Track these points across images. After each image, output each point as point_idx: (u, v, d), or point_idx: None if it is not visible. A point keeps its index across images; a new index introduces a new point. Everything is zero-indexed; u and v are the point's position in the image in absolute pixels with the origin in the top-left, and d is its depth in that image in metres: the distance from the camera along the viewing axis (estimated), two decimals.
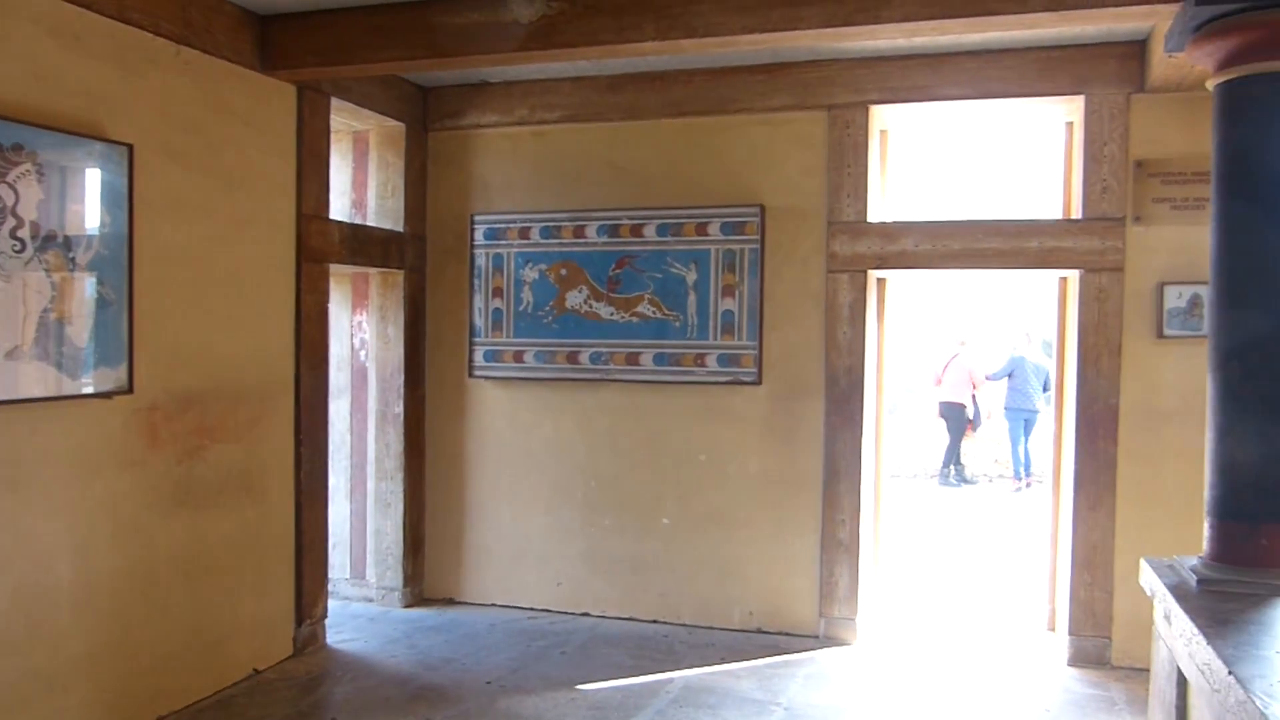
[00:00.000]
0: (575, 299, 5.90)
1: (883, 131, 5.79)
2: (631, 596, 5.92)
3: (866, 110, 5.38)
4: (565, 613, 6.03)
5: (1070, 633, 5.19)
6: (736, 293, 5.58)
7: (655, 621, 5.86)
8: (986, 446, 12.22)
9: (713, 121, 5.69)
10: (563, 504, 6.05)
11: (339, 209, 5.99)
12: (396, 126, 6.00)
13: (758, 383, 5.57)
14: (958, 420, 11.73)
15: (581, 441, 6.00)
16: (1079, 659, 5.15)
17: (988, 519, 9.87)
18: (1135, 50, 4.95)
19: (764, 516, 5.66)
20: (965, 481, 11.92)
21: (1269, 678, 2.57)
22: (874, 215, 5.51)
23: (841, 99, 5.40)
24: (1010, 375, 11.41)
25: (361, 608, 6.12)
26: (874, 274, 5.54)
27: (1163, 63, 4.51)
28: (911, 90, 5.29)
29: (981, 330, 13.62)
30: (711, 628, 5.75)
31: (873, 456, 5.77)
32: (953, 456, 11.92)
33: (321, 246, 5.28)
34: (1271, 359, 3.35)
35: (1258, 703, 2.39)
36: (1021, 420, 11.32)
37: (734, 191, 5.63)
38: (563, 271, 5.92)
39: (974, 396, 11.78)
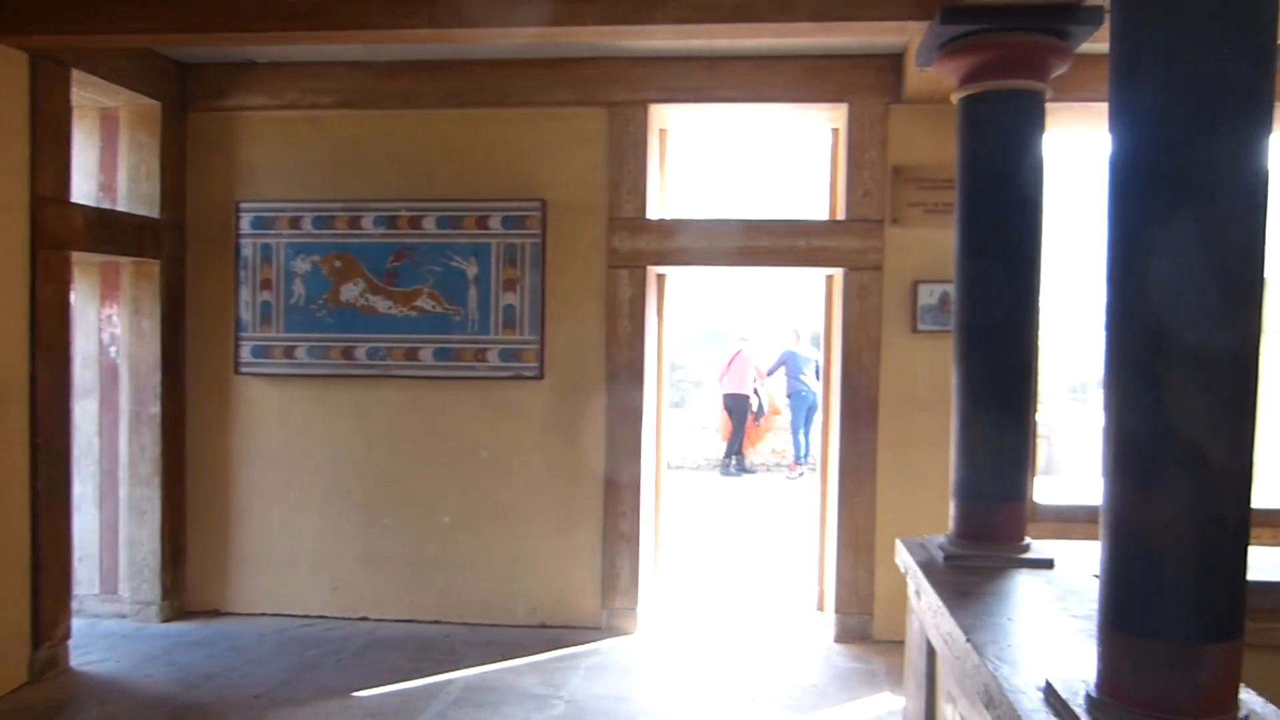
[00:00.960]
0: (351, 292, 5.68)
1: (662, 130, 5.91)
2: (412, 598, 5.77)
3: (646, 108, 5.47)
4: (342, 618, 5.81)
5: (836, 611, 5.48)
6: (518, 287, 5.54)
7: (437, 622, 5.74)
8: (772, 437, 12.77)
9: (495, 114, 5.62)
10: (339, 505, 5.81)
11: (84, 192, 5.49)
12: (151, 105, 5.56)
13: (540, 377, 5.56)
14: (740, 412, 12.20)
15: (359, 440, 5.79)
16: (845, 635, 5.46)
17: (766, 506, 10.29)
18: (893, 63, 5.29)
19: (547, 511, 5.65)
20: (745, 471, 12.40)
21: (1001, 643, 2.80)
22: (653, 212, 5.61)
23: (621, 96, 5.47)
24: (785, 367, 12.04)
25: (114, 625, 5.64)
26: (654, 270, 5.64)
27: (916, 76, 4.84)
28: (688, 91, 5.42)
29: (761, 327, 14.22)
30: (495, 625, 5.69)
31: (653, 449, 5.88)
32: (734, 447, 12.36)
33: (61, 232, 4.82)
34: (1006, 353, 3.66)
35: (989, 666, 2.59)
36: (804, 410, 11.93)
37: (516, 185, 5.59)
38: (337, 263, 5.69)
39: (756, 390, 12.28)
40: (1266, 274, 2.09)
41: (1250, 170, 2.00)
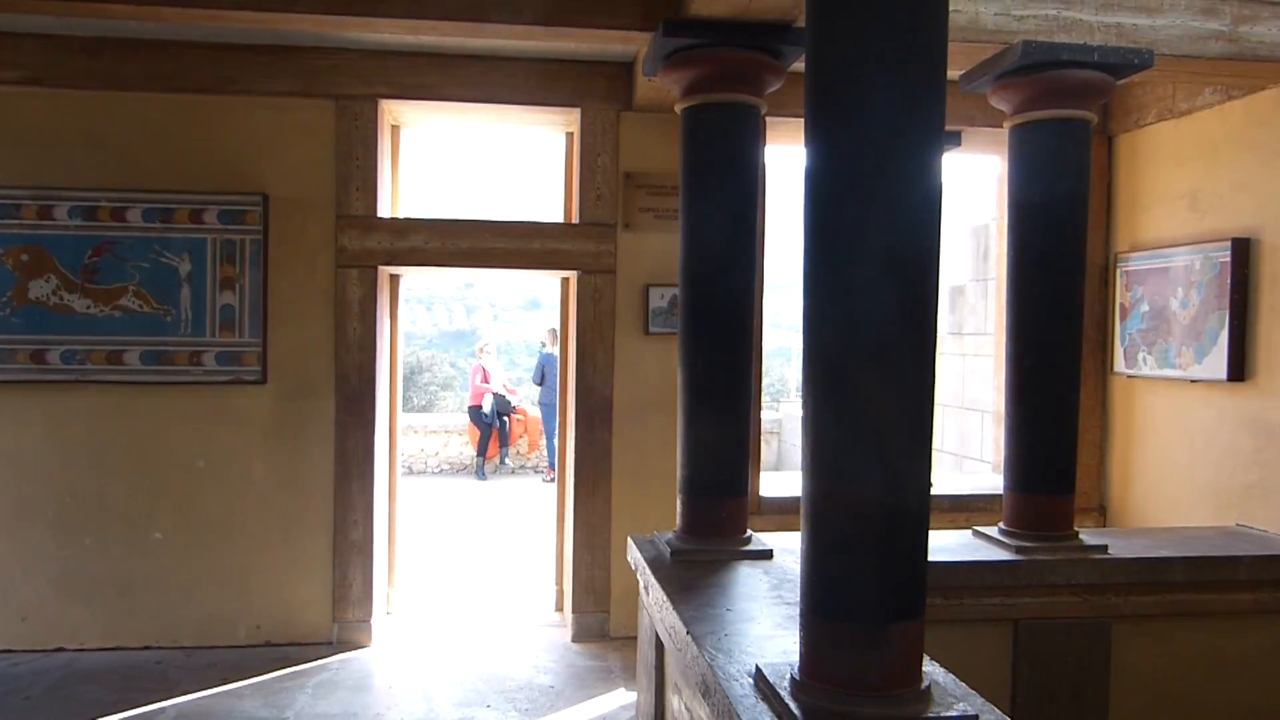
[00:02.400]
0: (41, 289, 5.11)
1: (395, 126, 5.74)
2: (118, 623, 5.27)
3: (376, 103, 5.29)
4: (33, 651, 5.21)
5: (574, 611, 5.54)
6: (237, 286, 5.19)
7: (148, 648, 5.28)
8: (524, 442, 12.75)
9: (210, 101, 5.23)
10: (29, 525, 5.21)
11: None
12: None
13: (262, 382, 5.24)
14: (484, 421, 12.13)
15: (53, 452, 5.22)
16: (583, 634, 5.52)
17: (516, 511, 10.25)
18: (624, 71, 5.41)
19: (272, 523, 5.34)
20: (489, 476, 12.30)
21: (719, 633, 2.92)
22: (385, 210, 5.44)
23: (350, 90, 5.25)
24: (543, 372, 12.09)
25: None
26: (386, 270, 5.47)
27: (644, 84, 4.97)
28: (420, 88, 5.29)
29: (512, 330, 14.26)
30: (214, 647, 5.31)
31: (386, 454, 5.70)
32: (484, 453, 12.27)
33: None
34: (726, 355, 3.82)
35: (706, 656, 2.69)
36: (554, 414, 11.97)
37: (234, 178, 5.23)
38: (24, 257, 5.10)
39: (499, 396, 12.22)
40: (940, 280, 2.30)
41: (926, 185, 2.19)
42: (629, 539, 4.17)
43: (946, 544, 4.17)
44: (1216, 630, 4.09)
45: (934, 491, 5.75)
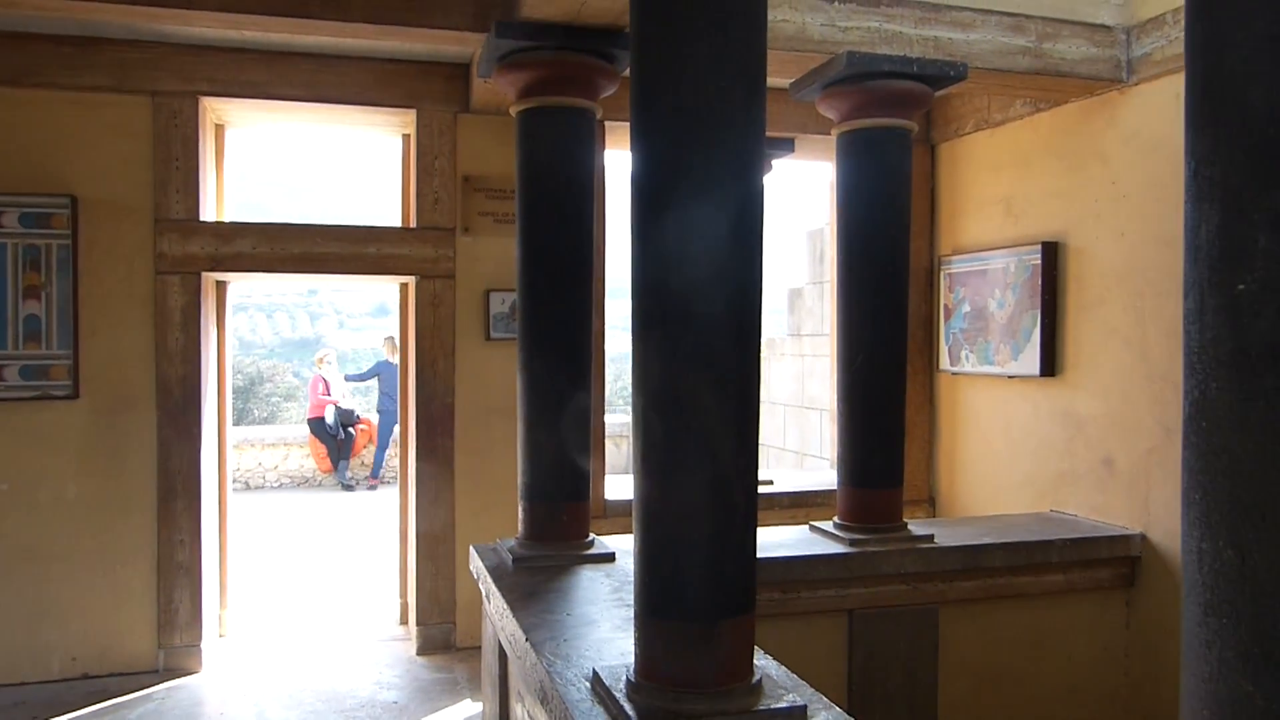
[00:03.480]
0: None
1: (219, 126, 5.48)
2: None
3: (197, 101, 5.03)
4: None
5: (419, 623, 5.41)
6: (43, 295, 4.84)
7: None
8: (367, 452, 12.38)
9: (7, 94, 4.86)
10: None
11: None
12: None
13: (74, 396, 4.90)
14: (326, 433, 11.76)
15: None
16: (428, 647, 5.40)
17: (356, 522, 9.95)
18: (461, 72, 5.32)
19: (88, 547, 4.99)
20: (347, 488, 11.92)
21: (558, 639, 2.90)
22: (209, 214, 5.19)
23: (168, 86, 4.98)
24: (378, 379, 11.75)
25: None
26: (210, 276, 5.21)
27: (481, 86, 4.91)
28: (246, 85, 5.07)
29: (353, 337, 13.85)
30: (24, 683, 4.92)
31: (215, 469, 5.43)
32: (335, 463, 11.89)
33: None
34: (564, 359, 3.81)
35: (544, 663, 2.67)
36: (392, 423, 11.67)
37: (38, 179, 4.87)
38: None
39: (338, 407, 11.85)
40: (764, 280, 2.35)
41: (749, 188, 2.23)
42: (471, 548, 4.11)
43: (784, 539, 4.28)
44: (1033, 610, 4.35)
45: (775, 489, 5.92)
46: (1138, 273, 4.53)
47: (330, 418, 11.69)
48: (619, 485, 5.92)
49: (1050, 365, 5.07)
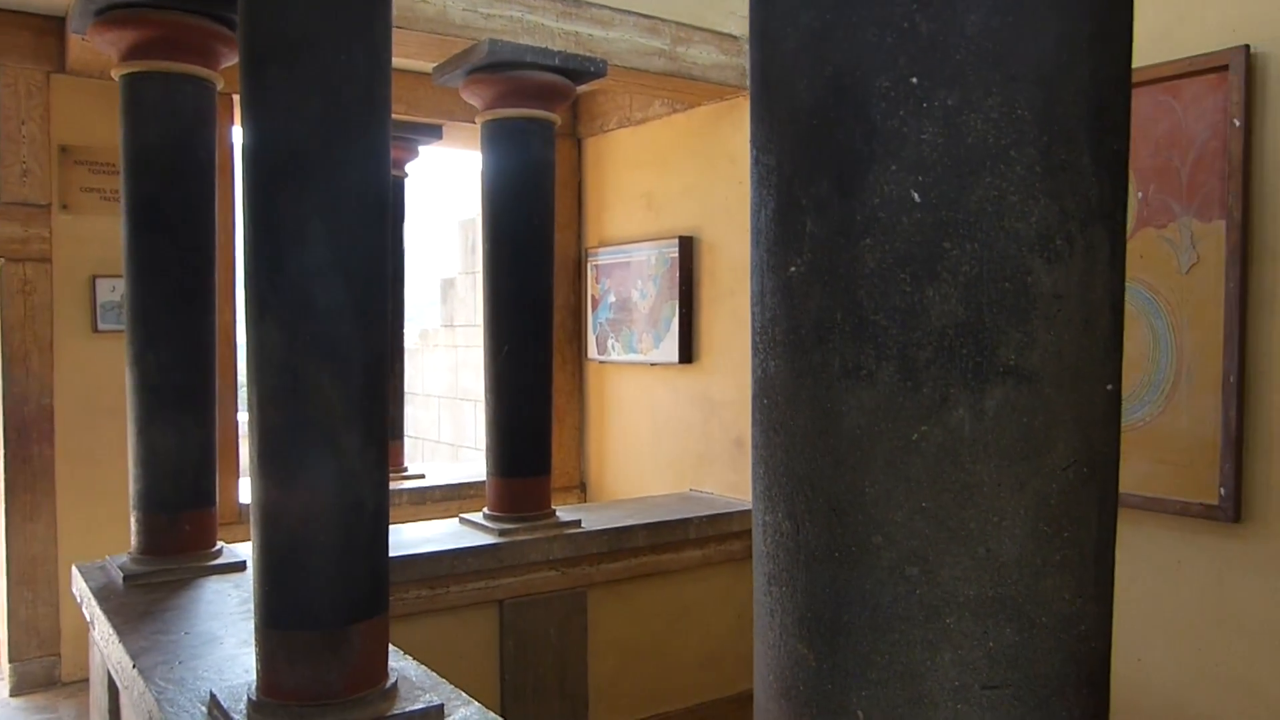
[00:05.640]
0: None
1: None
2: None
3: None
4: None
5: (13, 659, 4.71)
6: None
7: None
8: None
9: None
10: None
11: None
12: None
13: None
14: None
15: None
16: (25, 686, 4.71)
17: None
18: (56, 26, 4.66)
19: None
20: None
21: (172, 661, 2.62)
22: None
23: None
24: None
25: None
26: None
27: (80, 45, 4.33)
28: None
29: None
30: None
31: None
32: None
33: None
34: (182, 351, 3.46)
35: (154, 691, 2.40)
36: None
37: None
38: None
39: None
40: (395, 271, 2.24)
41: (373, 170, 2.11)
42: (74, 568, 3.64)
43: (433, 534, 4.19)
44: (673, 585, 4.58)
45: (427, 483, 5.81)
46: None
47: None
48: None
49: (688, 353, 5.37)
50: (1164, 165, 3.23)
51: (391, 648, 2.43)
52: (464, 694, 2.33)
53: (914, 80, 0.75)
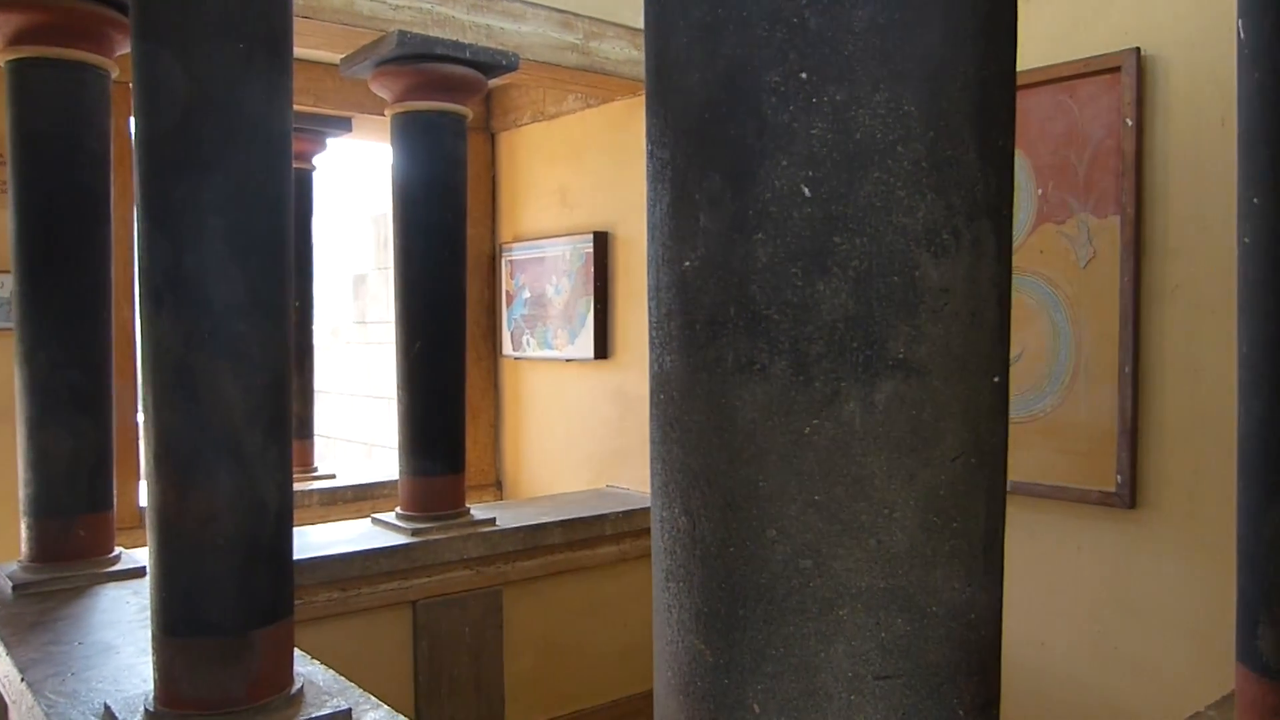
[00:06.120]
0: None
1: None
2: None
3: None
4: None
5: None
6: None
7: None
8: None
9: None
10: None
11: None
12: None
13: None
14: None
15: None
16: None
17: None
18: None
19: None
20: None
21: (64, 673, 2.51)
22: None
23: None
24: None
25: None
26: None
27: None
28: None
29: None
30: None
31: None
32: None
33: None
34: (78, 350, 3.32)
35: (43, 705, 2.30)
36: None
37: None
38: None
39: None
40: (304, 266, 2.18)
41: (273, 159, 2.05)
42: None
43: (344, 535, 4.10)
44: (590, 582, 4.57)
45: (338, 483, 5.69)
46: None
47: None
48: None
49: (603, 348, 5.36)
50: (1062, 163, 3.33)
51: (299, 652, 2.37)
52: (373, 697, 2.29)
53: (804, 75, 0.75)
